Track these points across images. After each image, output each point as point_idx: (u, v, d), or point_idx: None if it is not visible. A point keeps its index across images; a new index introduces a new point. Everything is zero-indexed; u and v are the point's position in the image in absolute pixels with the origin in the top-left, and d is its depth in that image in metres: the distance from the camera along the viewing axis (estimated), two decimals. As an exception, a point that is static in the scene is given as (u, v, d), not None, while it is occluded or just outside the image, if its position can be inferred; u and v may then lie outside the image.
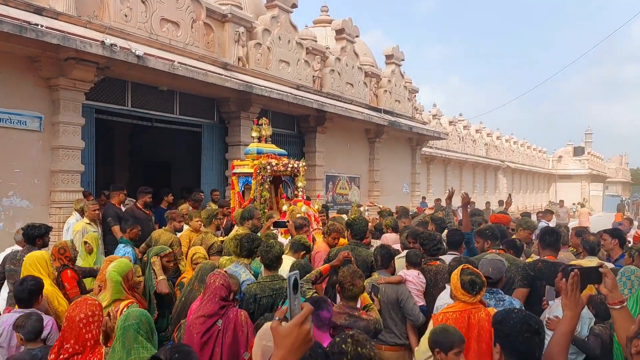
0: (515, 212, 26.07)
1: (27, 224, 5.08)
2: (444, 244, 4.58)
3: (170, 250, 4.58)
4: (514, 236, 6.07)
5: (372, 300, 3.54)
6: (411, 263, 4.24)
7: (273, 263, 3.82)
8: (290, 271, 3.88)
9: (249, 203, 7.02)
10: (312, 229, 6.85)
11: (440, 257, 4.47)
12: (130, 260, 4.91)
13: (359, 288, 3.23)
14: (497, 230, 4.67)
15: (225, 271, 3.88)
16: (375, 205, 9.50)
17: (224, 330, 2.95)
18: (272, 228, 5.87)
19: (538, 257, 4.24)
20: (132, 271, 3.55)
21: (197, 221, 6.22)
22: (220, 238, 6.08)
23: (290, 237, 5.62)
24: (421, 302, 4.04)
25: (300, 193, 7.46)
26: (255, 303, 3.68)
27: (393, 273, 4.22)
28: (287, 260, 4.34)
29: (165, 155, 14.02)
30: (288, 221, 5.67)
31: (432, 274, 4.18)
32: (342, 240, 6.32)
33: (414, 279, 4.11)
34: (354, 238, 4.87)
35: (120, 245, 5.56)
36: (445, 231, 5.42)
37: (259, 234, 5.36)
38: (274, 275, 3.79)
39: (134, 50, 7.32)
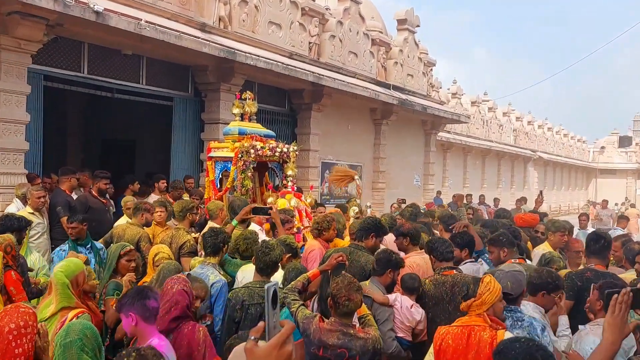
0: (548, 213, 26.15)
1: (3, 214, 5.15)
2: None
3: (131, 247, 4.54)
4: (545, 242, 6.08)
5: None
6: (405, 289, 4.19)
7: (268, 268, 3.88)
8: (285, 276, 3.92)
9: (225, 193, 6.98)
10: (302, 227, 6.83)
11: (457, 266, 4.44)
12: (89, 262, 4.87)
13: (355, 303, 3.22)
14: (511, 236, 4.63)
15: (189, 274, 3.86)
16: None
17: (175, 347, 2.92)
18: (250, 216, 5.81)
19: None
20: (83, 273, 3.50)
21: (159, 212, 6.21)
22: (194, 235, 6.07)
23: (273, 235, 5.60)
24: (402, 334, 3.97)
25: (290, 183, 7.42)
26: (243, 311, 3.70)
27: (390, 284, 4.18)
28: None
29: (129, 134, 13.94)
30: (271, 207, 5.64)
31: (448, 285, 4.12)
32: (339, 242, 6.29)
33: (404, 309, 4.02)
34: (354, 239, 4.85)
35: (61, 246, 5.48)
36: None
37: (236, 223, 5.31)
38: (266, 282, 3.82)
39: (92, 5, 7.21)
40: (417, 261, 4.88)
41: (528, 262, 5.09)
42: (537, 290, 3.59)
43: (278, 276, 4.19)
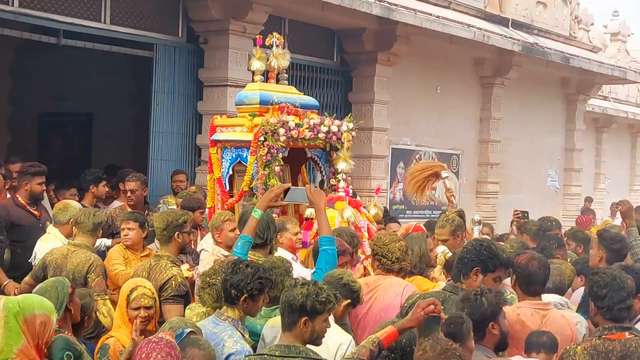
0: None
1: None
2: None
3: (71, 288, 4.49)
4: None
5: None
6: (531, 346, 4.32)
7: (286, 316, 3.89)
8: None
9: (240, 200, 7.05)
10: (363, 255, 6.84)
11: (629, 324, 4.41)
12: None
13: None
14: None
15: (187, 333, 3.92)
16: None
17: None
18: (281, 203, 5.74)
19: None
20: (47, 317, 3.68)
21: (127, 230, 6.38)
22: (187, 272, 6.06)
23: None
24: None
25: (342, 184, 7.45)
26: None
27: (499, 345, 4.20)
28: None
29: (82, 104, 14.20)
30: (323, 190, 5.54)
31: (614, 358, 4.14)
32: (422, 282, 6.25)
33: None
34: (451, 278, 4.92)
35: None
36: None
37: (261, 215, 5.35)
38: (296, 347, 3.83)
39: None
40: (527, 315, 4.86)
41: None
42: None
43: (338, 340, 4.22)
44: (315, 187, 6.22)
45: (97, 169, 9.21)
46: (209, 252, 6.37)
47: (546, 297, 5.48)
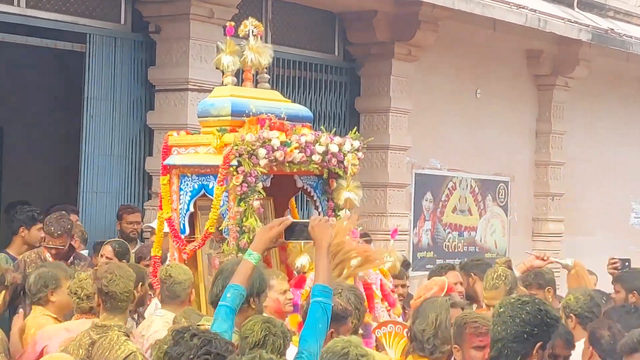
0: None
1: None
2: None
3: None
4: None
5: None
6: None
7: None
8: None
9: (202, 246, 7.08)
10: (376, 321, 6.79)
11: None
12: None
13: None
14: None
15: None
16: (550, 261, 9.30)
17: None
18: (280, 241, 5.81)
19: None
20: None
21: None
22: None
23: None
24: None
25: (345, 223, 7.43)
26: None
27: None
28: None
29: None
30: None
31: None
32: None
33: None
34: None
35: None
36: None
37: (258, 259, 5.36)
38: None
39: None
40: None
41: None
42: None
43: None
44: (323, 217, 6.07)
45: (31, 207, 9.18)
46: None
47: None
